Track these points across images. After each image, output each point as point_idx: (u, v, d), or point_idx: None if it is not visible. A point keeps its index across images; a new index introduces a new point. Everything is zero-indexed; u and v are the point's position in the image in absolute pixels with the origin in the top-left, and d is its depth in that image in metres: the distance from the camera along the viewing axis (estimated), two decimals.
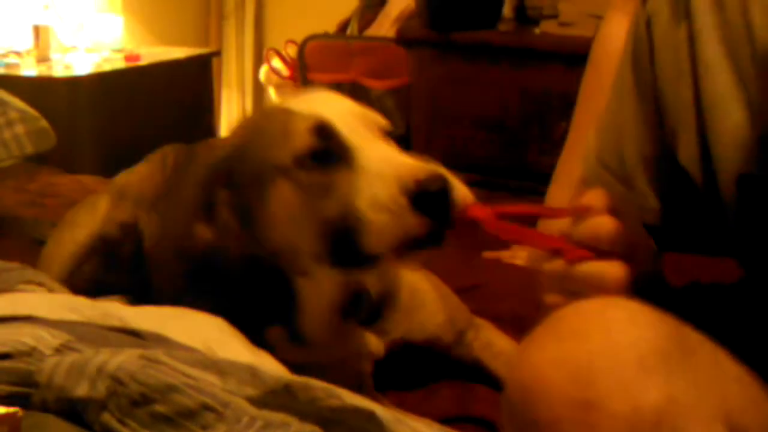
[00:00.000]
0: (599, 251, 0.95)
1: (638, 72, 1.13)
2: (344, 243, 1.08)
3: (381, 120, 1.17)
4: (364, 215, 1.05)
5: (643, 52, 1.12)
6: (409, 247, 1.05)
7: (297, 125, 1.12)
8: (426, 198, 1.02)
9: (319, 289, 1.18)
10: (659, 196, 1.14)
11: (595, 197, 0.98)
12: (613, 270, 0.95)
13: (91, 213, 1.57)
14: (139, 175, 1.60)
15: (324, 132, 1.11)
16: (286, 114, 1.15)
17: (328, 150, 1.10)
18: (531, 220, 1.05)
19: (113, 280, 1.55)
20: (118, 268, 1.51)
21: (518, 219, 1.01)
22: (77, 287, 1.50)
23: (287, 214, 1.13)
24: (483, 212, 1.02)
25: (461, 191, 1.04)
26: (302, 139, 1.11)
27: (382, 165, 1.06)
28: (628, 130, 1.15)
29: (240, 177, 1.16)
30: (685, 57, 1.05)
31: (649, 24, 1.11)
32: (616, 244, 0.95)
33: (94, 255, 1.52)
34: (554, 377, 0.76)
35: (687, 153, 1.07)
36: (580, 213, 0.98)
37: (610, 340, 0.77)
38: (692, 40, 1.05)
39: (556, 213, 1.03)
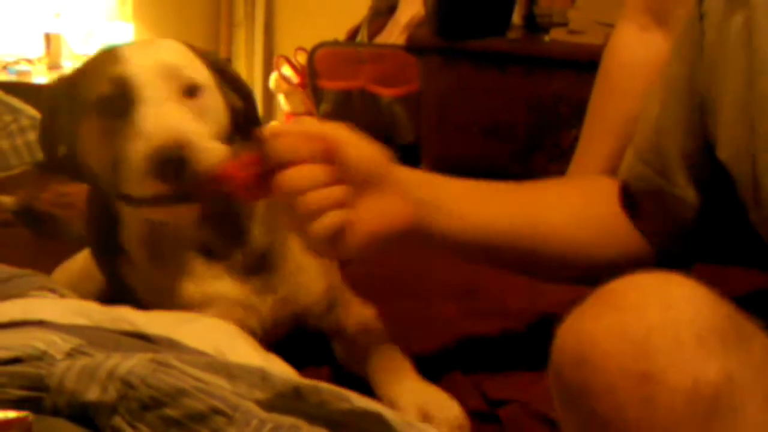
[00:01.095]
0: None
1: (685, 68, 1.13)
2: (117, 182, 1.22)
3: (190, 75, 1.26)
4: (123, 164, 1.18)
5: (693, 47, 1.12)
6: (159, 200, 1.18)
7: (107, 71, 1.24)
8: (164, 162, 1.14)
9: (130, 217, 1.32)
10: (698, 192, 1.14)
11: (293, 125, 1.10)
12: (296, 175, 1.02)
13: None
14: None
15: (121, 83, 1.22)
16: (108, 57, 1.27)
17: (122, 100, 1.21)
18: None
19: None
20: None
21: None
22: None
23: (90, 149, 1.26)
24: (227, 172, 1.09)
25: (202, 156, 1.14)
26: (102, 86, 1.23)
27: (146, 124, 1.18)
28: (669, 126, 1.15)
29: (70, 111, 1.29)
30: (740, 51, 1.05)
31: (702, 19, 1.11)
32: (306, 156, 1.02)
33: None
34: (612, 348, 0.76)
35: (728, 150, 1.06)
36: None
37: (669, 315, 0.77)
38: (750, 32, 1.04)
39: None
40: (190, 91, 1.25)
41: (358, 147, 1.06)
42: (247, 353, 1.09)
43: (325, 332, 1.41)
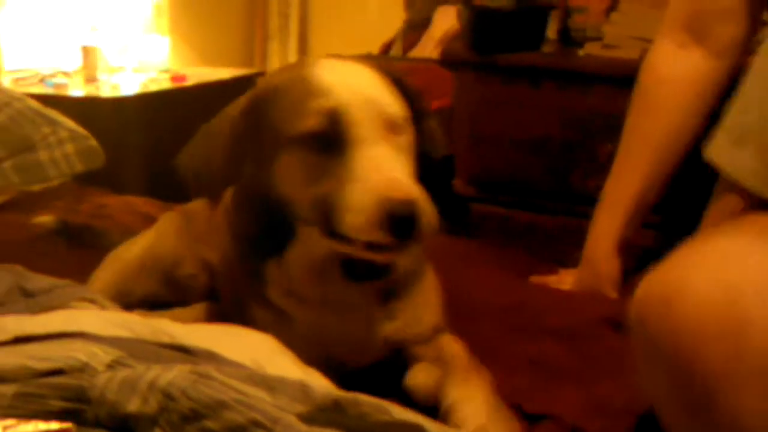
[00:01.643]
0: None
1: None
2: (329, 218, 1.19)
3: (394, 110, 1.23)
4: (343, 208, 1.15)
5: None
6: (376, 247, 1.16)
7: (313, 102, 1.20)
8: (394, 215, 1.12)
9: (314, 236, 1.26)
10: None
11: None
12: None
13: (145, 236, 1.66)
14: (197, 205, 1.68)
15: (334, 120, 1.19)
16: (309, 83, 1.22)
17: (334, 137, 1.18)
18: None
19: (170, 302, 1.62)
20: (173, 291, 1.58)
21: None
22: (132, 296, 1.60)
23: (290, 181, 1.23)
24: None
25: (428, 217, 1.14)
26: (313, 122, 1.19)
27: (371, 171, 1.15)
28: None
29: (261, 134, 1.26)
30: None
31: None
32: None
33: (145, 271, 1.59)
34: (704, 293, 0.76)
35: None
36: None
37: (762, 268, 0.77)
38: None
39: None
40: (394, 127, 1.23)
41: None
42: (286, 366, 1.09)
43: (407, 359, 1.40)
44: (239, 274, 1.40)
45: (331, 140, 1.18)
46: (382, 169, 1.15)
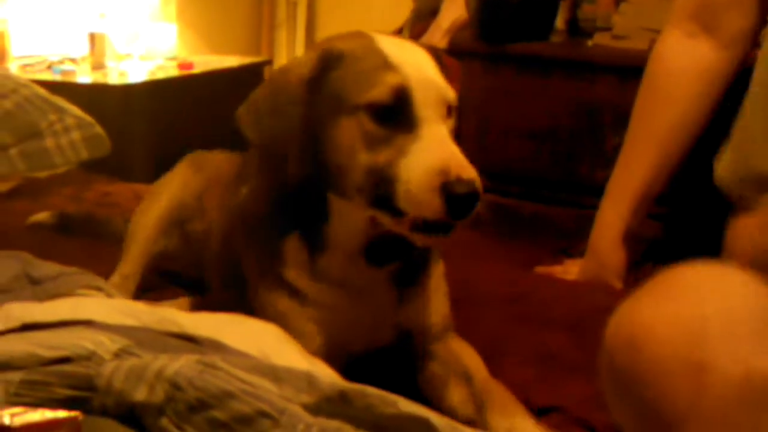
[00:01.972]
0: None
1: None
2: (382, 190, 1.20)
3: (451, 95, 1.26)
4: (403, 179, 1.17)
5: None
6: (423, 226, 1.18)
7: (383, 75, 1.22)
8: (455, 192, 1.14)
9: (353, 213, 1.29)
10: None
11: None
12: None
13: (173, 180, 1.68)
14: (219, 156, 1.70)
15: (402, 96, 1.21)
16: (379, 58, 1.24)
17: (399, 112, 1.20)
18: None
19: (185, 260, 1.63)
20: (189, 246, 1.60)
21: None
22: (158, 266, 1.67)
23: (347, 147, 1.24)
24: None
25: (482, 200, 1.17)
26: (382, 93, 1.21)
27: (436, 146, 1.18)
28: (760, 139, 1.14)
29: (323, 97, 1.26)
30: None
31: None
32: None
33: (173, 224, 1.61)
34: (667, 334, 0.76)
35: None
36: None
37: (725, 305, 0.77)
38: None
39: None
40: (449, 111, 1.26)
41: None
42: (293, 357, 1.09)
43: (416, 354, 1.41)
44: (253, 249, 1.40)
45: (396, 114, 1.20)
46: (445, 148, 1.18)
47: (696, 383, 0.75)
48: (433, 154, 1.17)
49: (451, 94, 1.26)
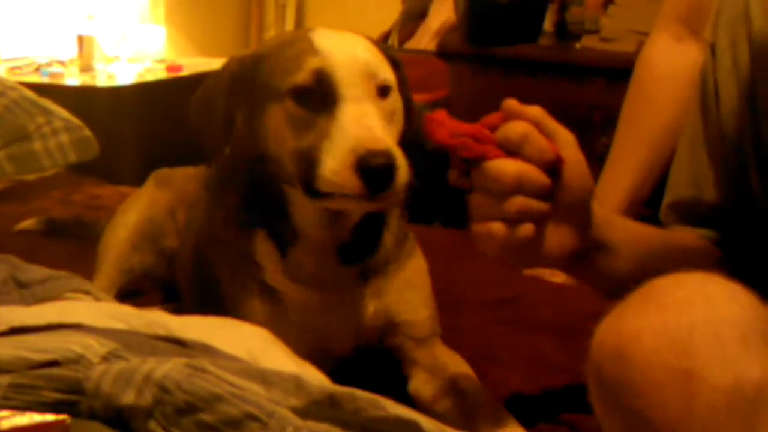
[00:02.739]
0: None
1: (706, 121, 1.14)
2: (308, 174, 1.21)
3: (383, 74, 1.26)
4: (322, 160, 1.18)
5: (710, 103, 1.13)
6: (350, 197, 1.17)
7: (305, 61, 1.23)
8: (368, 166, 1.14)
9: (305, 202, 1.28)
10: (734, 236, 1.14)
11: (533, 109, 1.02)
12: (508, 166, 0.97)
13: (141, 198, 1.69)
14: (184, 172, 1.70)
15: (322, 77, 1.22)
16: (305, 45, 1.26)
17: (319, 92, 1.21)
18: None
19: (160, 274, 1.63)
20: (163, 260, 1.60)
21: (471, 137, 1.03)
22: (132, 281, 1.59)
23: (277, 134, 1.26)
24: (440, 127, 1.05)
25: (402, 170, 1.16)
26: (302, 76, 1.23)
27: (351, 124, 1.18)
28: (703, 177, 1.15)
29: (254, 89, 1.29)
30: (746, 104, 1.06)
31: (715, 71, 1.12)
32: (535, 151, 0.98)
33: (144, 240, 1.61)
34: (654, 344, 0.76)
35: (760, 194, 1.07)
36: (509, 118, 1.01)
37: (712, 314, 0.77)
38: (753, 88, 1.05)
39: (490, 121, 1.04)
40: (383, 91, 1.25)
41: (580, 172, 1.03)
42: (281, 360, 1.09)
43: (404, 361, 1.40)
44: (224, 253, 1.40)
45: (317, 96, 1.21)
46: (361, 124, 1.18)
47: (685, 392, 0.75)
48: (347, 132, 1.17)
49: (383, 74, 1.25)
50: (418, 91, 3.86)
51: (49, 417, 0.87)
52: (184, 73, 4.07)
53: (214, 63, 4.25)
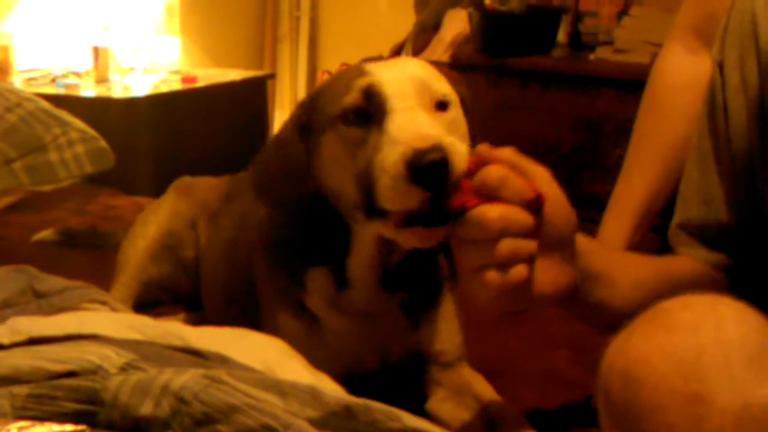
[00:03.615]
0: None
1: (716, 139, 1.14)
2: (369, 195, 1.14)
3: (440, 88, 1.21)
4: (377, 174, 1.11)
5: (720, 120, 1.13)
6: (413, 219, 1.09)
7: (353, 83, 1.20)
8: (419, 165, 1.06)
9: (366, 237, 1.26)
10: (745, 258, 1.14)
11: (505, 152, 1.01)
12: (490, 211, 0.96)
13: (161, 209, 1.68)
14: (206, 182, 1.69)
15: (370, 92, 1.18)
16: (355, 72, 1.23)
17: (370, 110, 1.17)
18: None
19: (178, 285, 1.63)
20: (182, 271, 1.60)
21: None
22: (151, 292, 1.59)
23: (331, 164, 1.22)
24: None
25: (459, 159, 1.06)
26: (352, 97, 1.19)
27: (398, 131, 1.12)
28: (714, 197, 1.15)
29: (312, 123, 1.26)
30: (754, 120, 1.06)
31: (724, 89, 1.12)
32: (514, 192, 0.97)
33: (164, 251, 1.61)
34: (662, 367, 0.76)
35: None
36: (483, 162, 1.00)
37: (720, 336, 0.77)
38: (763, 103, 1.06)
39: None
40: (441, 104, 1.20)
41: (561, 206, 1.02)
42: (297, 371, 1.10)
43: (426, 381, 1.39)
44: (269, 279, 1.39)
45: (368, 114, 1.17)
46: (408, 128, 1.12)
47: (693, 415, 0.75)
48: (394, 138, 1.11)
49: (440, 88, 1.21)
50: None
51: (69, 427, 0.87)
52: (199, 84, 4.08)
53: (228, 74, 4.30)
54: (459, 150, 1.06)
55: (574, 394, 1.38)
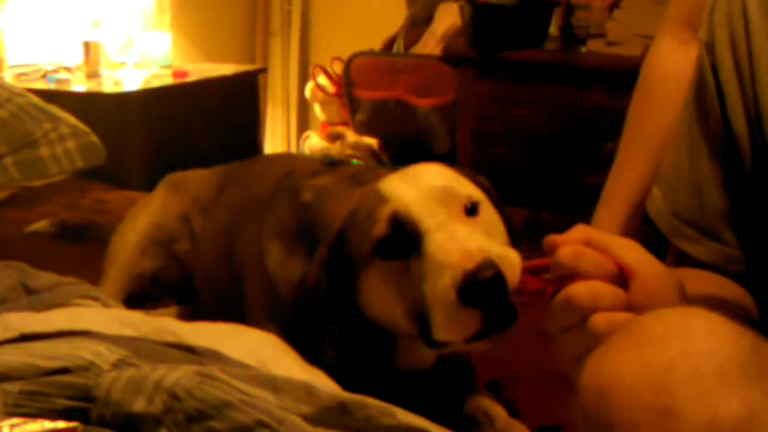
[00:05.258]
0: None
1: (707, 123, 1.13)
2: (425, 327, 1.09)
3: (465, 191, 1.17)
4: (429, 305, 1.07)
5: (712, 103, 1.12)
6: (472, 338, 1.06)
7: (378, 213, 1.14)
8: (477, 290, 1.02)
9: (418, 351, 1.21)
10: (743, 246, 1.13)
11: (574, 232, 0.95)
12: (575, 288, 0.90)
13: (151, 203, 1.68)
14: (197, 174, 1.69)
15: (398, 220, 1.12)
16: (375, 199, 1.17)
17: (403, 238, 1.12)
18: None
19: (171, 279, 1.63)
20: (175, 265, 1.60)
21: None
22: (141, 286, 1.59)
23: (376, 298, 1.17)
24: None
25: (513, 270, 1.03)
26: (379, 229, 1.13)
27: (442, 254, 1.06)
28: (706, 184, 1.14)
29: (345, 260, 1.19)
30: (751, 101, 1.05)
31: (715, 71, 1.11)
32: (591, 265, 0.92)
33: (154, 245, 1.61)
34: (633, 382, 0.76)
35: None
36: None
37: (690, 349, 0.77)
38: (754, 84, 1.05)
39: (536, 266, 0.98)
40: (471, 209, 1.15)
41: (656, 275, 0.95)
42: (291, 367, 1.10)
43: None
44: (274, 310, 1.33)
45: (403, 241, 1.12)
46: (450, 247, 1.06)
47: (664, 429, 0.75)
48: (443, 263, 1.05)
49: (465, 191, 1.16)
50: (424, 97, 3.88)
51: (61, 424, 0.87)
52: (191, 79, 4.07)
53: (220, 69, 4.29)
54: (509, 257, 1.04)
55: (573, 393, 1.37)
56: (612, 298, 0.91)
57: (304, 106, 5.01)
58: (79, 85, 3.82)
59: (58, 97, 3.16)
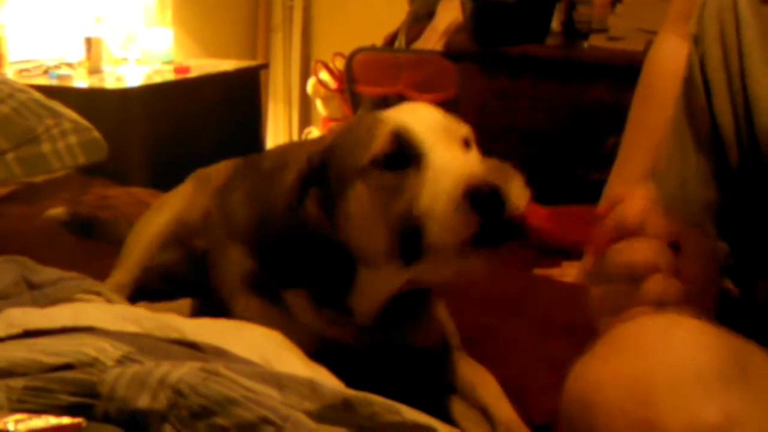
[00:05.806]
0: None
1: (693, 116, 1.13)
2: (410, 239, 1.13)
3: (462, 129, 1.22)
4: (425, 210, 1.11)
5: (698, 96, 1.12)
6: (467, 245, 1.09)
7: (378, 130, 1.18)
8: (479, 197, 1.07)
9: (379, 280, 1.24)
10: (728, 239, 1.13)
11: (640, 190, 0.95)
12: (639, 245, 0.89)
13: (176, 197, 1.67)
14: (217, 168, 1.70)
15: (400, 137, 1.16)
16: (372, 120, 1.21)
17: (402, 154, 1.16)
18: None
19: (186, 274, 1.63)
20: (191, 261, 1.59)
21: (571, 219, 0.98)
22: (152, 280, 1.58)
23: (362, 213, 1.19)
24: (533, 215, 1.03)
25: (518, 193, 1.09)
26: (379, 144, 1.17)
27: (445, 165, 1.11)
28: (691, 177, 1.14)
29: (329, 176, 1.23)
30: (739, 93, 1.05)
31: (702, 64, 1.11)
32: (653, 229, 0.90)
33: (174, 239, 1.60)
34: (613, 392, 0.76)
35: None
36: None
37: (669, 358, 0.77)
38: (743, 77, 1.05)
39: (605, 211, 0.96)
40: (466, 143, 1.21)
41: (703, 249, 0.96)
42: (295, 364, 1.10)
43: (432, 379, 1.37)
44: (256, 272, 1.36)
45: (402, 158, 1.16)
46: (455, 163, 1.12)
47: None
48: (443, 172, 1.10)
49: (461, 129, 1.21)
50: (426, 92, 3.88)
51: (65, 420, 0.87)
52: (192, 74, 4.07)
53: (221, 64, 4.29)
54: (515, 183, 1.09)
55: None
56: (669, 263, 0.90)
57: (305, 102, 5.00)
58: (80, 81, 3.82)
59: (59, 93, 3.15)
